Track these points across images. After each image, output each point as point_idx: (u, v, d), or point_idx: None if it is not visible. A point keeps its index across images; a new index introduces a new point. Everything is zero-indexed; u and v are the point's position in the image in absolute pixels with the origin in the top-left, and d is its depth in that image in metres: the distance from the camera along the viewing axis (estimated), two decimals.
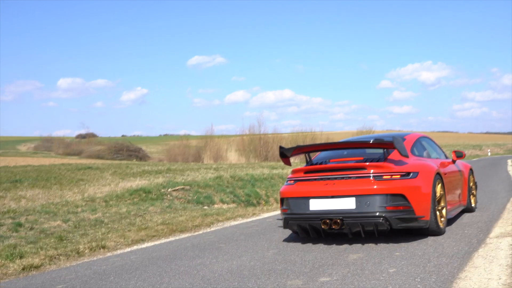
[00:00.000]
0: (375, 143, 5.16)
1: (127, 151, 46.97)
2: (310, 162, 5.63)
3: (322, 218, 4.96)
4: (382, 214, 4.77)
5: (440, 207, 5.42)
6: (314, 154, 6.19)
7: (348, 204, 4.88)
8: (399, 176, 4.90)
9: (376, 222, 4.78)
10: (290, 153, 5.64)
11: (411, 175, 4.94)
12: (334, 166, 5.17)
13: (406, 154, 5.04)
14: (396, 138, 4.98)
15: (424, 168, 5.18)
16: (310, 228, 5.14)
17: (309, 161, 5.65)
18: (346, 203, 4.89)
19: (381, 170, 4.93)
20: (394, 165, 5.00)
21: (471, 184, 7.31)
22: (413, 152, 5.60)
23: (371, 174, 4.93)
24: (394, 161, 5.10)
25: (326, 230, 5.09)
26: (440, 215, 5.36)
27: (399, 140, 5.06)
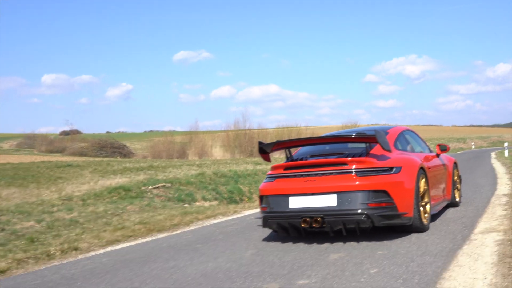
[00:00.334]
0: (357, 138, 4.96)
1: (111, 148, 46.34)
2: (290, 158, 5.42)
3: (302, 216, 4.76)
4: (364, 211, 4.58)
5: (423, 203, 5.26)
6: (296, 149, 5.99)
7: (329, 201, 4.69)
8: (382, 171, 4.72)
9: (358, 219, 4.59)
10: (270, 148, 5.43)
11: (394, 170, 4.76)
12: (314, 161, 4.97)
13: (388, 148, 4.86)
14: (378, 132, 4.79)
15: (407, 162, 5.01)
16: (290, 226, 4.94)
17: (289, 156, 5.44)
18: (327, 200, 4.69)
19: (363, 165, 4.74)
20: (377, 160, 4.82)
21: (456, 178, 7.18)
22: (396, 146, 5.43)
23: (353, 170, 4.74)
24: (376, 155, 4.91)
25: (306, 229, 4.89)
26: (424, 211, 5.19)
27: (382, 134, 4.87)
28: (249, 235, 5.86)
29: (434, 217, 6.04)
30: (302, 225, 4.77)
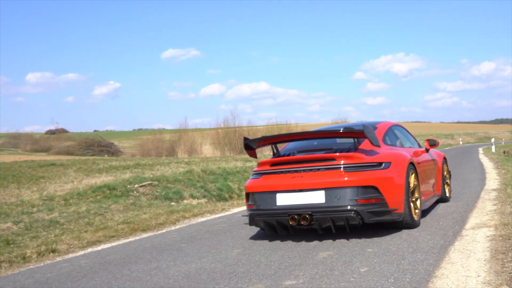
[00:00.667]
0: (345, 132, 4.80)
1: (98, 147, 45.83)
2: (277, 153, 5.25)
3: (290, 213, 4.59)
4: (353, 207, 4.42)
5: (414, 199, 5.12)
6: (283, 145, 5.82)
7: (317, 198, 4.52)
8: (371, 166, 4.56)
9: (347, 216, 4.43)
10: (256, 144, 5.25)
11: (383, 166, 4.61)
12: (302, 157, 4.79)
13: (377, 143, 4.70)
14: (366, 127, 4.62)
15: (396, 157, 4.86)
16: (277, 224, 4.77)
17: (276, 152, 5.27)
18: (315, 197, 4.52)
19: (351, 160, 4.57)
20: (365, 155, 4.66)
21: (445, 173, 7.06)
22: (385, 141, 5.28)
23: (341, 165, 4.58)
24: (365, 151, 4.75)
25: (294, 227, 4.72)
26: (414, 207, 5.05)
27: (370, 128, 4.71)
28: (236, 234, 5.68)
29: (424, 212, 5.91)
30: (290, 222, 4.60)
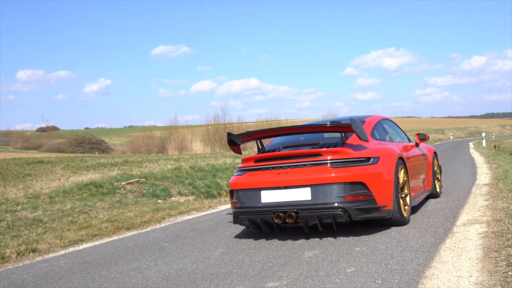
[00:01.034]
0: (332, 127, 4.64)
1: (89, 144, 45.42)
2: (262, 149, 5.08)
3: (275, 211, 4.43)
4: (340, 205, 4.26)
5: (403, 195, 4.98)
6: (269, 141, 5.66)
7: (303, 195, 4.36)
8: (358, 162, 4.41)
9: (334, 214, 4.28)
10: (240, 140, 5.07)
11: (372, 161, 4.45)
12: (287, 153, 4.63)
13: (365, 138, 4.54)
14: (353, 121, 4.46)
15: (385, 152, 4.71)
16: (262, 222, 4.60)
17: (261, 148, 5.10)
18: (300, 194, 4.37)
19: (338, 156, 4.41)
20: (353, 150, 4.50)
21: (436, 168, 6.94)
22: (373, 135, 5.12)
23: (328, 161, 4.42)
24: (352, 145, 4.60)
25: (280, 225, 4.57)
26: (403, 203, 4.91)
27: (358, 122, 4.54)
28: (221, 232, 5.51)
29: (414, 209, 5.78)
30: (275, 220, 4.44)
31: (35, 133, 61.33)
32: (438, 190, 6.82)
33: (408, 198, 5.07)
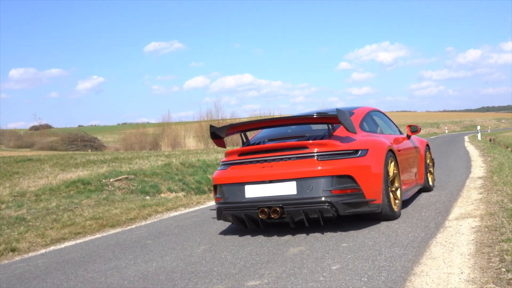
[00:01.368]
0: (319, 118, 4.46)
1: (82, 142, 45.05)
2: (247, 142, 4.89)
3: (259, 206, 4.25)
4: (327, 199, 4.09)
5: (394, 188, 4.82)
6: (255, 133, 5.47)
7: (288, 189, 4.18)
8: (346, 154, 4.23)
9: (320, 208, 4.10)
10: (224, 133, 4.88)
11: (360, 153, 4.28)
12: (271, 146, 4.44)
13: (353, 129, 4.36)
14: (340, 112, 4.27)
15: (374, 144, 4.53)
16: (246, 218, 4.42)
17: (245, 141, 4.91)
18: (286, 188, 4.19)
19: (325, 148, 4.24)
20: (340, 142, 4.33)
21: (428, 161, 6.78)
22: (362, 127, 4.95)
23: (315, 154, 4.24)
24: (340, 137, 4.42)
25: (265, 220, 4.39)
26: (394, 197, 4.75)
27: (344, 113, 4.36)
28: (206, 229, 5.33)
29: (406, 203, 5.62)
30: (260, 216, 4.26)
31: (28, 131, 60.88)
32: (430, 183, 6.67)
33: (398, 192, 4.90)
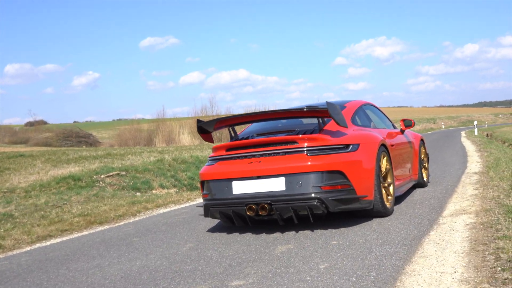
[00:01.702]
0: (308, 112, 4.32)
1: (77, 138, 44.79)
2: (235, 137, 4.75)
3: (247, 203, 4.12)
4: (317, 195, 3.96)
5: (386, 184, 4.69)
6: (244, 127, 5.34)
7: (276, 185, 4.05)
8: (336, 149, 4.10)
9: (310, 205, 3.97)
10: (212, 127, 4.74)
11: (351, 148, 4.15)
12: (260, 140, 4.31)
13: (344, 123, 4.23)
14: (331, 105, 4.14)
15: (366, 139, 4.40)
16: (234, 215, 4.29)
17: (233, 136, 4.77)
18: (274, 184, 4.06)
19: (315, 143, 4.10)
20: (331, 136, 4.19)
21: (423, 156, 6.66)
22: (354, 121, 4.82)
23: (304, 149, 4.11)
24: (330, 132, 4.29)
25: (253, 217, 4.26)
26: (386, 193, 4.63)
27: (335, 107, 4.22)
28: (194, 226, 5.20)
29: (399, 199, 5.50)
30: (248, 213, 4.13)
31: (24, 127, 60.53)
32: (425, 179, 6.55)
33: (391, 188, 4.78)
